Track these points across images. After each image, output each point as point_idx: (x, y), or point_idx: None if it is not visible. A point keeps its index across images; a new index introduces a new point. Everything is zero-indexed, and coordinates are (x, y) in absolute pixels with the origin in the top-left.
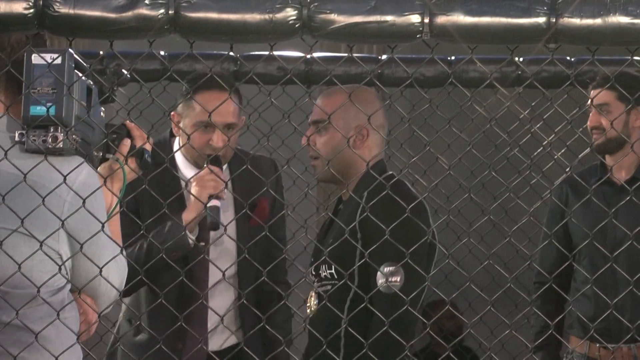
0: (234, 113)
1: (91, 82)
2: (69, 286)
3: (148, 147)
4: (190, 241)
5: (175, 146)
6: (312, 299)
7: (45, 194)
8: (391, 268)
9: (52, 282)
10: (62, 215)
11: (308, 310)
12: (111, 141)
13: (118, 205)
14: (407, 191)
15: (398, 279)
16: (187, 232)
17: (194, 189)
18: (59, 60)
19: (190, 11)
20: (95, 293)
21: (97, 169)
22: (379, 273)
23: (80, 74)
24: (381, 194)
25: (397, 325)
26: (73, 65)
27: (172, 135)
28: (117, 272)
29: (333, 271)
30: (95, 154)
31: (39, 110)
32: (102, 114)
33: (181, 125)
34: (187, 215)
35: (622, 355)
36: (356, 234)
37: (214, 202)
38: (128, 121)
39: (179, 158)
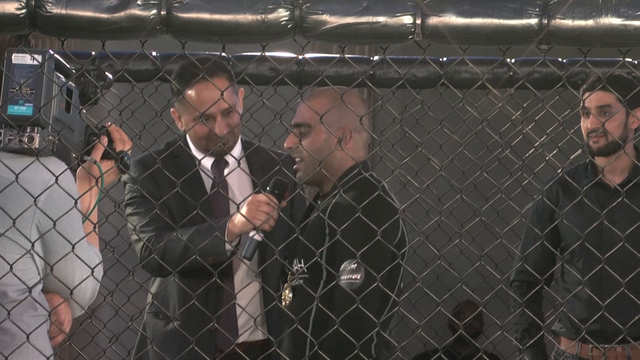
0: (227, 97)
1: (72, 84)
2: (40, 286)
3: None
4: (228, 252)
5: (188, 139)
6: (287, 292)
7: (17, 193)
8: (353, 266)
9: (24, 281)
10: (35, 215)
11: (283, 304)
12: (90, 143)
13: (96, 208)
14: (379, 195)
15: (358, 277)
16: (227, 242)
17: (245, 209)
18: (39, 61)
19: (182, 12)
20: (67, 294)
21: (74, 170)
22: (341, 269)
23: (61, 75)
24: (352, 195)
25: (351, 322)
26: (53, 66)
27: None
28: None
29: (303, 266)
30: (74, 155)
31: (16, 109)
32: (81, 115)
33: (182, 120)
34: (232, 227)
35: (616, 356)
36: (325, 231)
37: (257, 236)
38: (109, 123)
39: (194, 149)
